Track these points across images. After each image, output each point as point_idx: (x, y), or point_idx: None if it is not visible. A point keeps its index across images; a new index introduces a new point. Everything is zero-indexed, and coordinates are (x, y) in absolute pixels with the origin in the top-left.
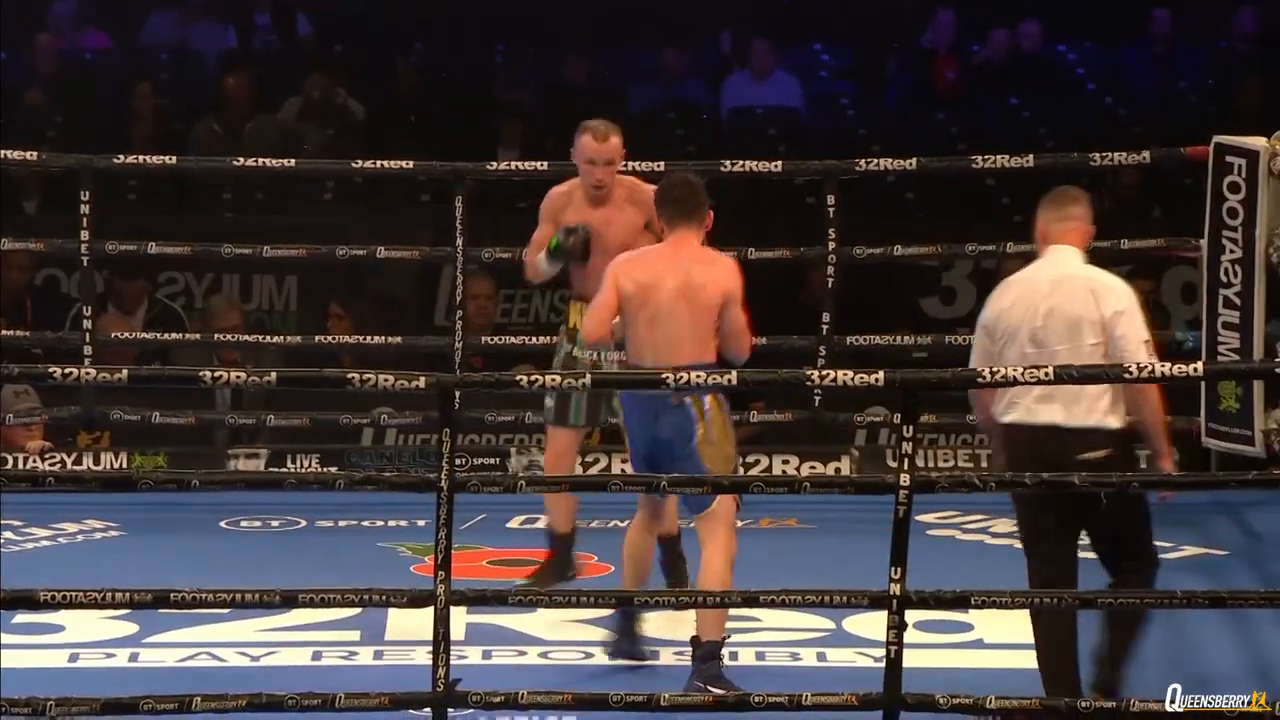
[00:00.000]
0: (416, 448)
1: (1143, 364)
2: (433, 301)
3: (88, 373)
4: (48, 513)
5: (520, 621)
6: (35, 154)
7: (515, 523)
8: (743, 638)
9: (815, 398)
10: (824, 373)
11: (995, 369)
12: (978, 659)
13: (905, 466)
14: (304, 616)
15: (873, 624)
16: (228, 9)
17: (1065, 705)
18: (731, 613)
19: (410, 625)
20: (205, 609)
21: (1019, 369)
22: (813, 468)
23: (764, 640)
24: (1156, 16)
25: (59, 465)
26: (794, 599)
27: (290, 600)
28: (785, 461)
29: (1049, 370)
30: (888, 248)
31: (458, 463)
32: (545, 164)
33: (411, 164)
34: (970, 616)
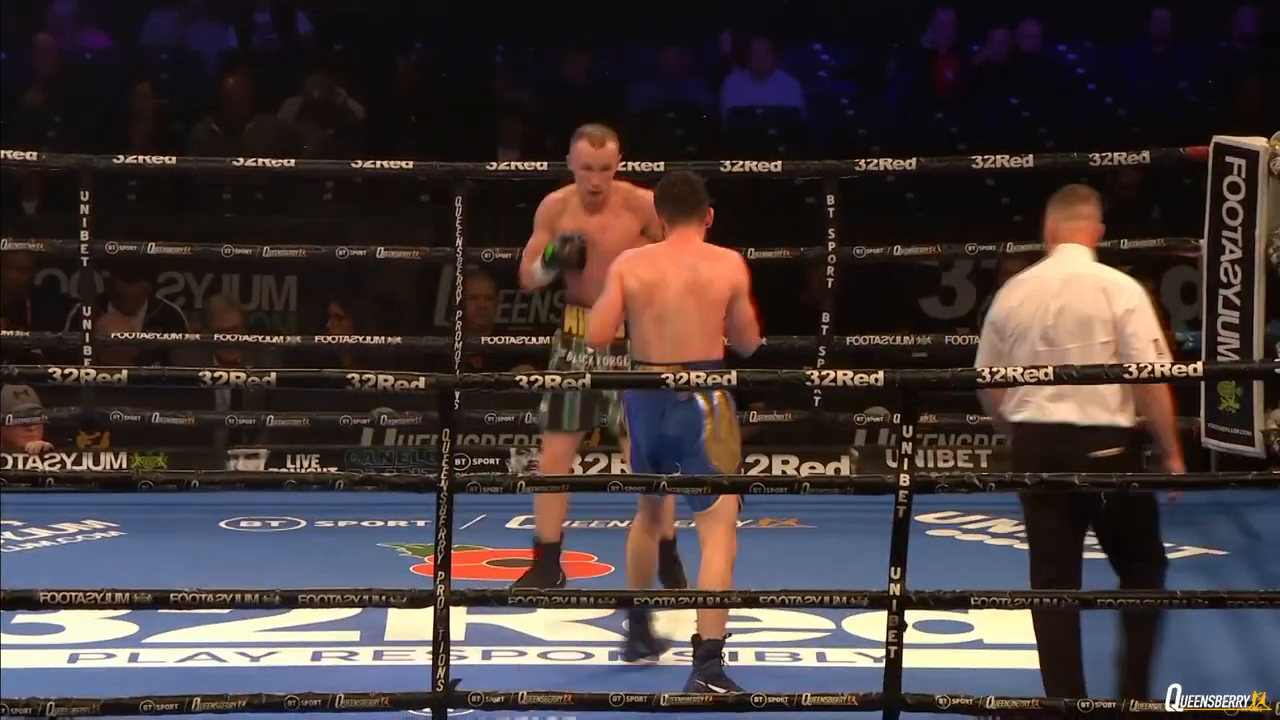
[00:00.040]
0: (416, 448)
1: (1151, 363)
2: (432, 302)
3: (87, 373)
4: (47, 513)
5: (520, 622)
6: (35, 154)
7: (515, 523)
8: (743, 638)
9: (815, 398)
10: (824, 373)
11: (995, 369)
12: (977, 659)
13: (905, 467)
14: (304, 617)
15: (872, 624)
16: (227, 8)
17: (1065, 705)
18: (731, 613)
19: (410, 625)
20: (205, 609)
21: (1019, 368)
22: (812, 468)
23: (764, 640)
24: (1156, 16)
25: (59, 465)
26: (794, 599)
27: (290, 600)
28: (785, 462)
29: (1048, 370)
30: (887, 248)
31: (457, 463)
32: (545, 164)
33: (411, 164)
34: (970, 617)
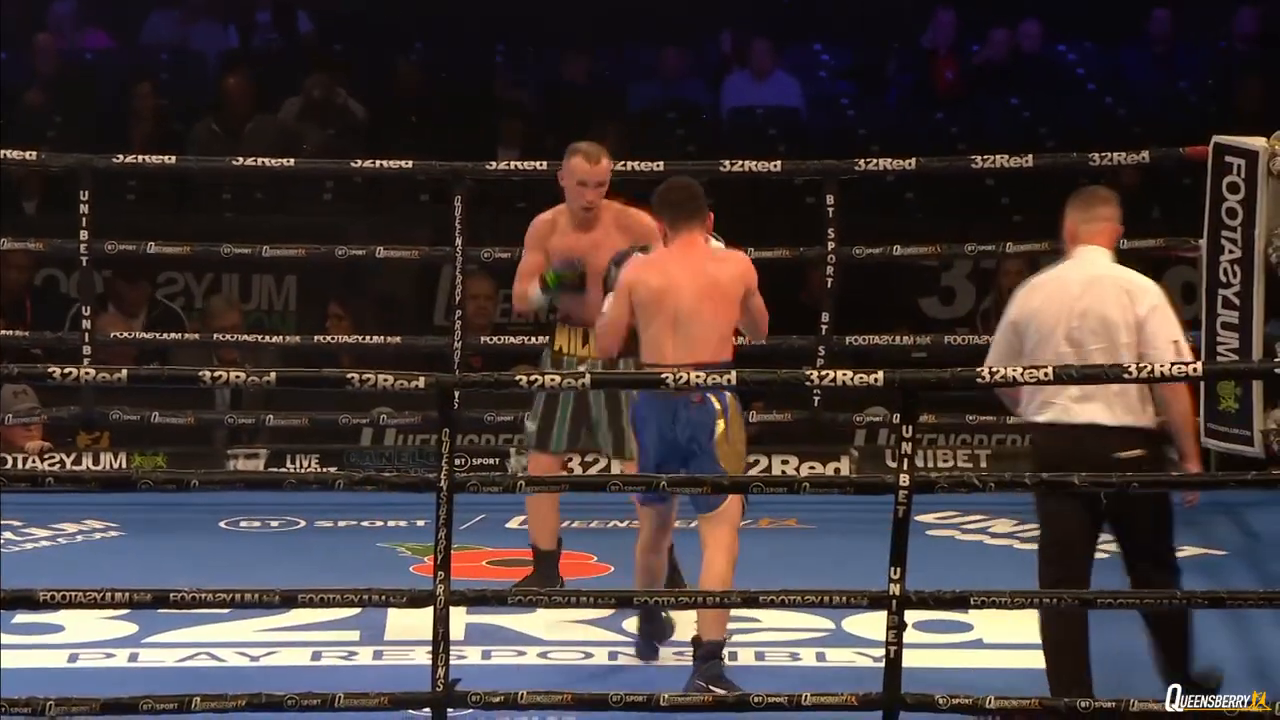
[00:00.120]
0: (416, 448)
1: (1170, 362)
2: (432, 301)
3: (87, 373)
4: (47, 513)
5: (520, 622)
6: (35, 154)
7: (515, 523)
8: (742, 638)
9: (815, 398)
10: (823, 373)
11: (994, 369)
12: (977, 659)
13: (904, 467)
14: (303, 616)
15: (872, 624)
16: (228, 8)
17: (1065, 705)
18: (731, 613)
19: (410, 625)
20: (205, 609)
21: (1018, 368)
22: (812, 468)
23: (764, 640)
24: (1156, 16)
25: (58, 465)
26: (794, 599)
27: (290, 600)
28: (785, 462)
29: (1048, 370)
30: (887, 248)
31: (457, 463)
32: (545, 164)
33: (411, 164)
34: (970, 617)
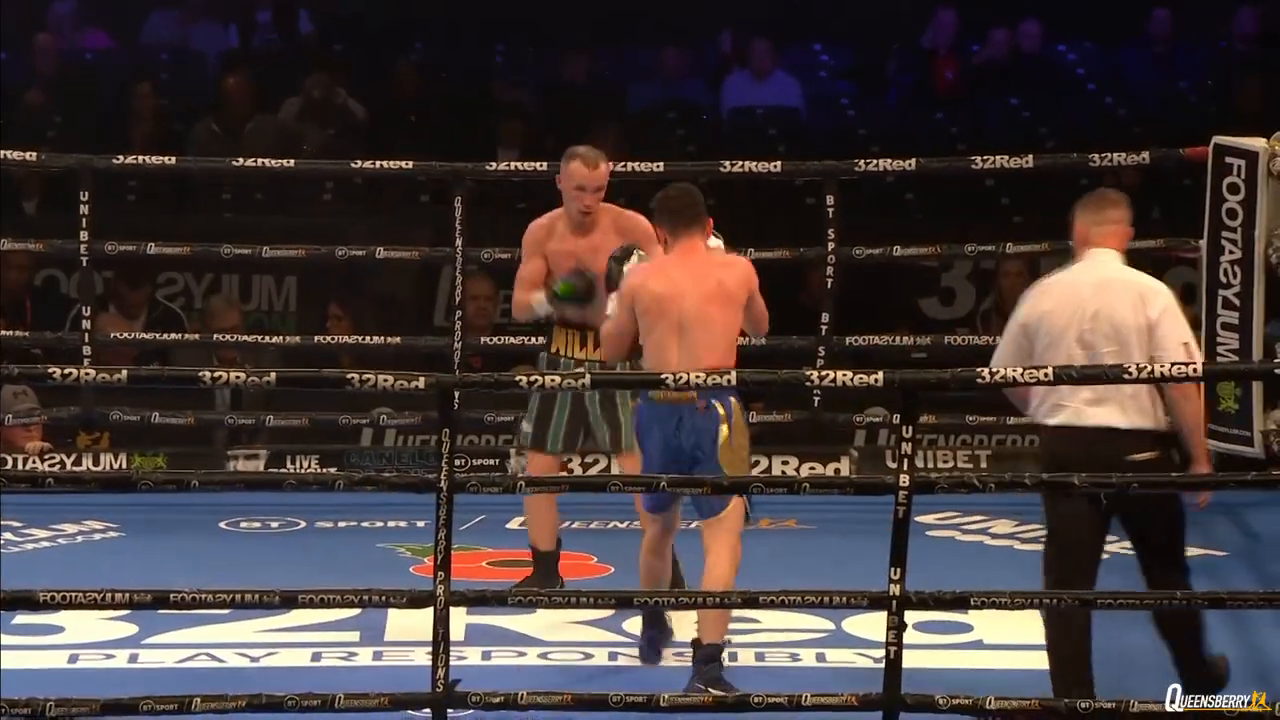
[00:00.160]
0: (416, 448)
1: (1170, 363)
2: (432, 302)
3: (87, 373)
4: (47, 513)
5: (520, 622)
6: (35, 154)
7: (514, 524)
8: (743, 638)
9: (815, 398)
10: (823, 373)
11: (994, 369)
12: (977, 660)
13: (905, 467)
14: (303, 617)
15: (872, 624)
16: (228, 8)
17: (1065, 706)
18: (732, 613)
19: (410, 626)
20: (205, 610)
21: (1018, 369)
22: (812, 468)
23: (764, 641)
24: (1156, 16)
25: (58, 466)
26: (794, 600)
27: (290, 601)
28: (785, 462)
29: (1047, 370)
30: (887, 248)
31: (457, 463)
32: (544, 164)
33: (411, 164)
34: (970, 617)
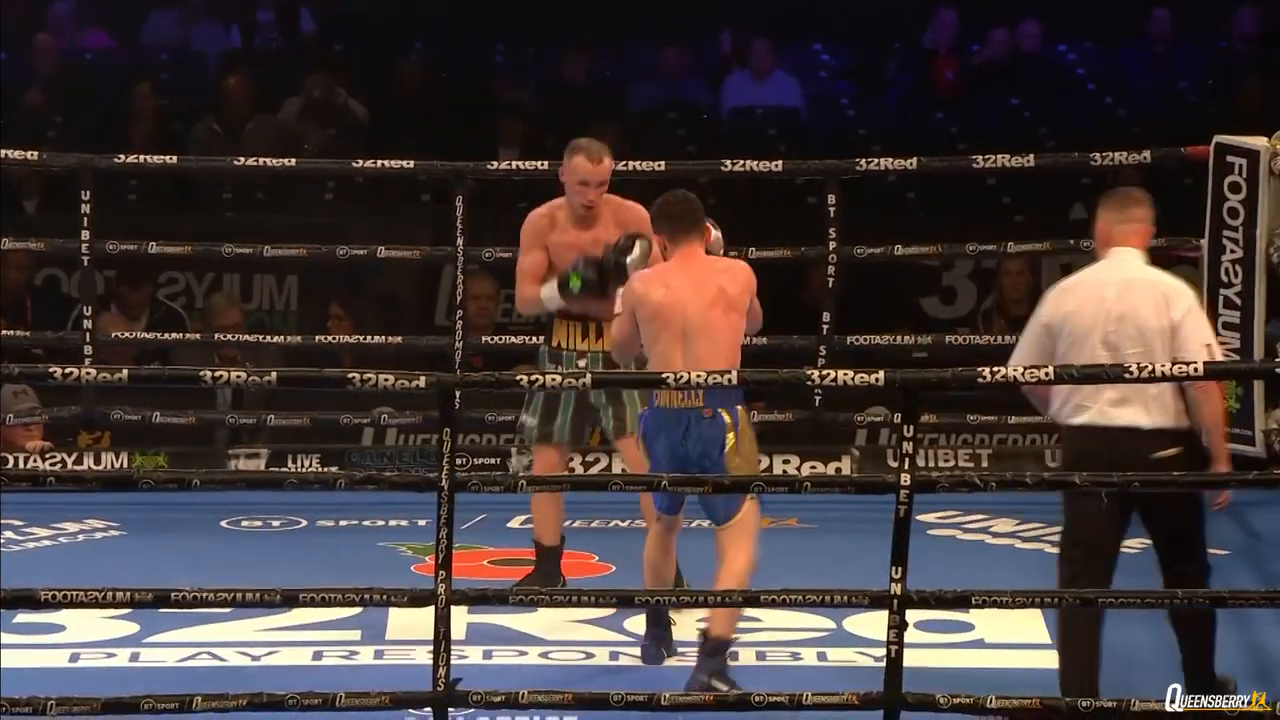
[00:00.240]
0: (417, 447)
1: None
2: (433, 301)
3: (88, 372)
4: (48, 512)
5: (521, 621)
6: (35, 154)
7: (516, 522)
8: (744, 637)
9: (816, 397)
10: (824, 372)
11: (995, 369)
12: (978, 659)
13: (906, 466)
14: (305, 616)
15: (873, 624)
16: (229, 8)
17: (1066, 705)
18: (743, 610)
19: (411, 625)
20: (206, 609)
21: (1019, 369)
22: (813, 467)
23: (765, 640)
24: (1156, 16)
25: (59, 465)
26: (795, 599)
27: (291, 600)
28: (786, 461)
29: (1048, 370)
30: (888, 247)
31: (458, 462)
32: (545, 163)
33: (412, 164)
34: (971, 616)
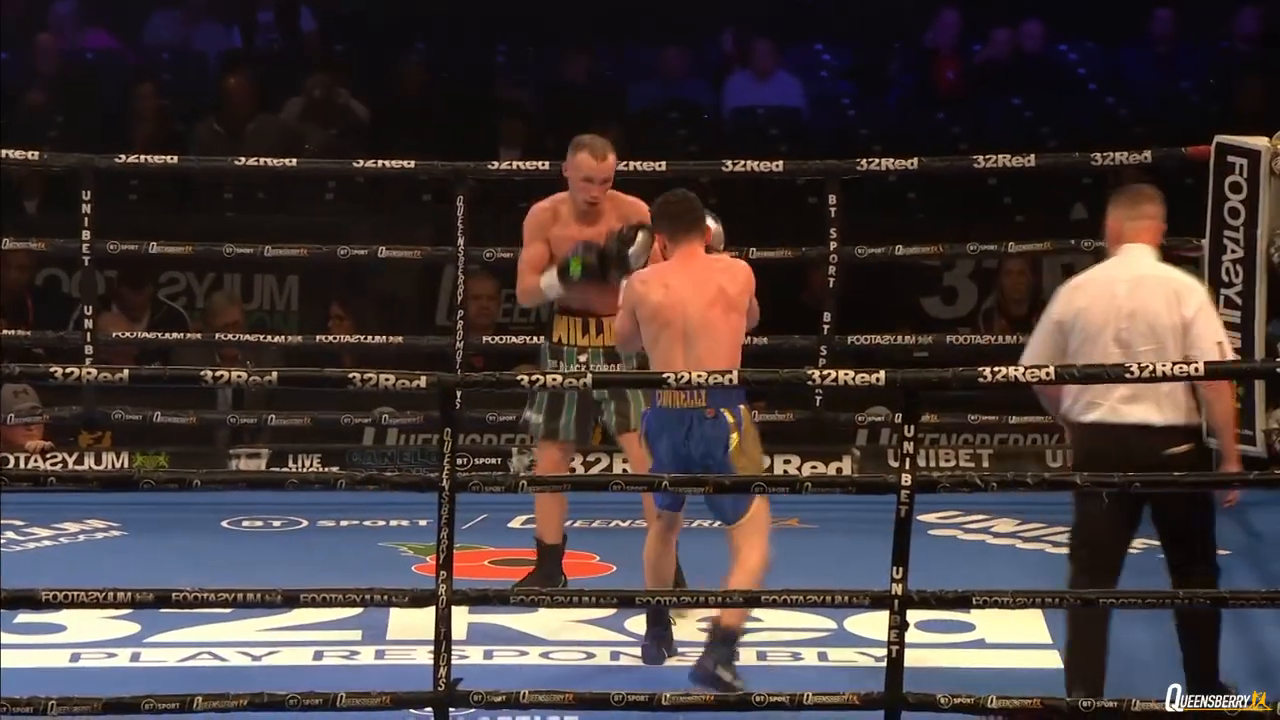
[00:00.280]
0: (418, 447)
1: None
2: (434, 301)
3: (89, 372)
4: (49, 512)
5: (522, 621)
6: (36, 154)
7: (517, 523)
8: (745, 637)
9: (816, 397)
10: (825, 372)
11: (996, 369)
12: (979, 659)
13: (907, 466)
14: (305, 616)
15: (874, 624)
16: (230, 8)
17: (1067, 705)
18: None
19: (412, 625)
20: (207, 609)
21: (1021, 369)
22: (814, 467)
23: (766, 640)
24: (1158, 16)
25: (60, 465)
26: (796, 599)
27: (292, 600)
28: (787, 461)
29: (1049, 370)
30: (889, 247)
31: (459, 462)
32: (546, 164)
33: (413, 164)
34: (972, 616)
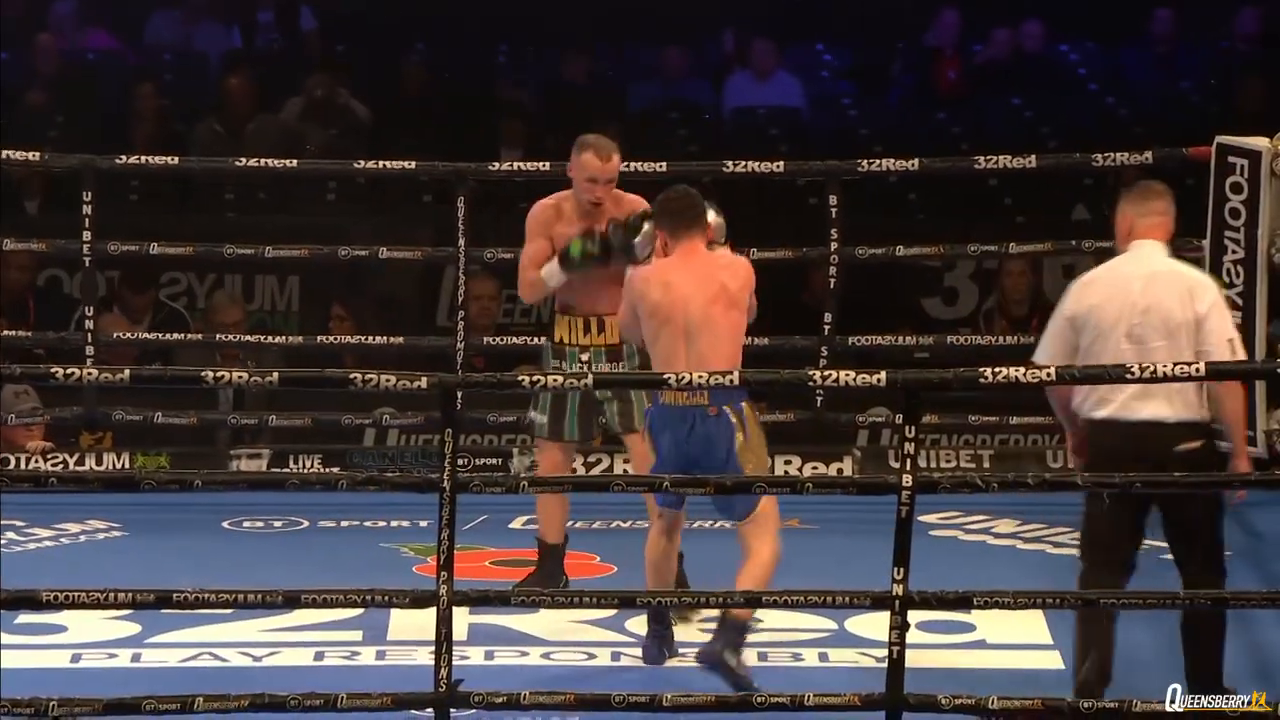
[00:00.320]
0: (419, 448)
1: (1225, 359)
2: (435, 302)
3: (90, 373)
4: (50, 513)
5: (522, 622)
6: (37, 154)
7: (517, 523)
8: (745, 638)
9: (817, 398)
10: (826, 373)
11: (997, 369)
12: (980, 659)
13: (907, 467)
14: (306, 617)
15: (875, 624)
16: (230, 9)
17: (1068, 705)
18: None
19: (412, 625)
20: (208, 609)
21: (1020, 369)
22: (815, 468)
23: (766, 640)
24: (1158, 16)
25: (61, 466)
26: (796, 599)
27: (292, 601)
28: (787, 462)
29: (1050, 371)
30: (890, 248)
31: (460, 463)
32: (547, 164)
33: (414, 164)
34: (972, 617)
